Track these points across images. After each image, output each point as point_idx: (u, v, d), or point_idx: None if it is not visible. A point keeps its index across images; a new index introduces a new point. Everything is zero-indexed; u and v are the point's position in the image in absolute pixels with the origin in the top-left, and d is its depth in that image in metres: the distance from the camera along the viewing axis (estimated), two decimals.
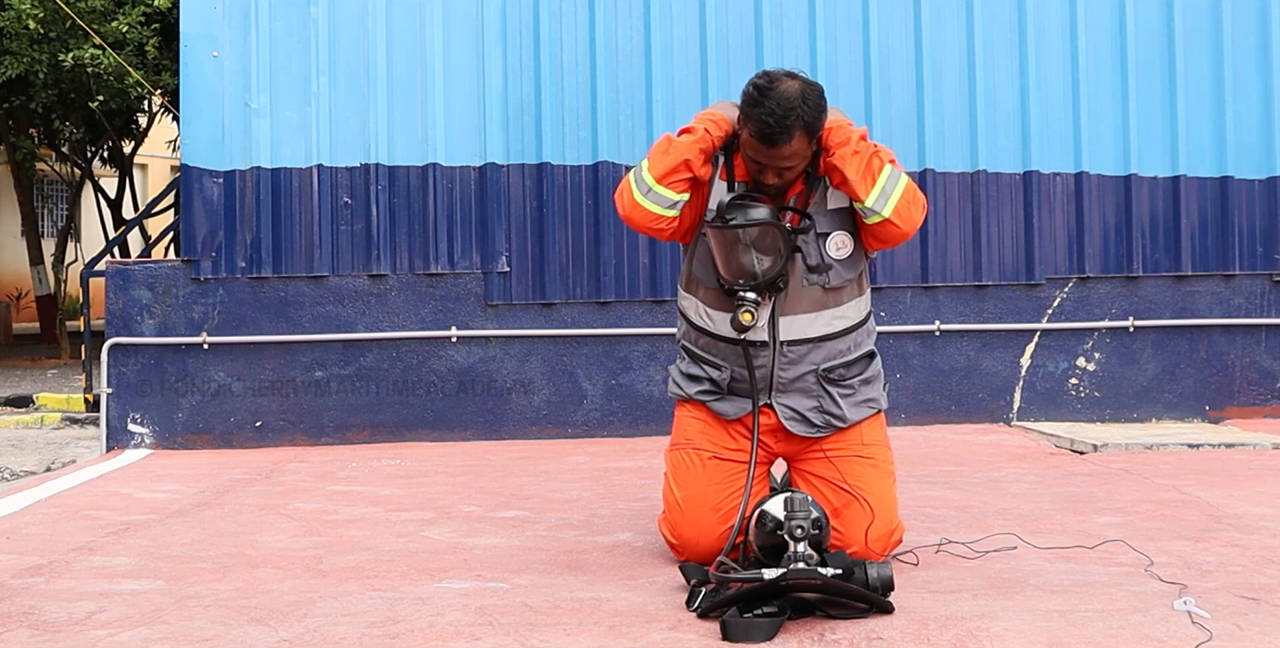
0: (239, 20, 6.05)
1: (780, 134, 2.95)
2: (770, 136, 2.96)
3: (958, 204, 6.29)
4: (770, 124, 2.94)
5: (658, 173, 3.10)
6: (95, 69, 12.07)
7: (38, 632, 2.68)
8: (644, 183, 3.12)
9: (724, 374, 3.21)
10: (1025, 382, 6.32)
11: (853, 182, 3.05)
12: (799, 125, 2.96)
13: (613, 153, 6.15)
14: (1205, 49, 6.41)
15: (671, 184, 3.10)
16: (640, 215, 3.15)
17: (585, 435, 6.15)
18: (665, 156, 3.11)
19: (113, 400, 6.04)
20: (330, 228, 6.08)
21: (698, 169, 3.11)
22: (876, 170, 3.06)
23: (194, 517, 4.14)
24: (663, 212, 3.13)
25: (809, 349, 3.15)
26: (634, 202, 3.14)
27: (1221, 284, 6.44)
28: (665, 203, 3.12)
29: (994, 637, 2.49)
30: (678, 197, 3.12)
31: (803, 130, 2.98)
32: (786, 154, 3.00)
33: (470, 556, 3.42)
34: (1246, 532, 3.54)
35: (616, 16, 6.20)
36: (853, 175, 3.05)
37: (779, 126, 2.94)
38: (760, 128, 2.96)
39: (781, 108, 2.94)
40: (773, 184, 3.08)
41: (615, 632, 2.59)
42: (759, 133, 2.98)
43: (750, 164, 3.09)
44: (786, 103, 2.95)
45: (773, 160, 3.02)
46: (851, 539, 3.09)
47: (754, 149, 3.03)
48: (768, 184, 3.08)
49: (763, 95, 2.97)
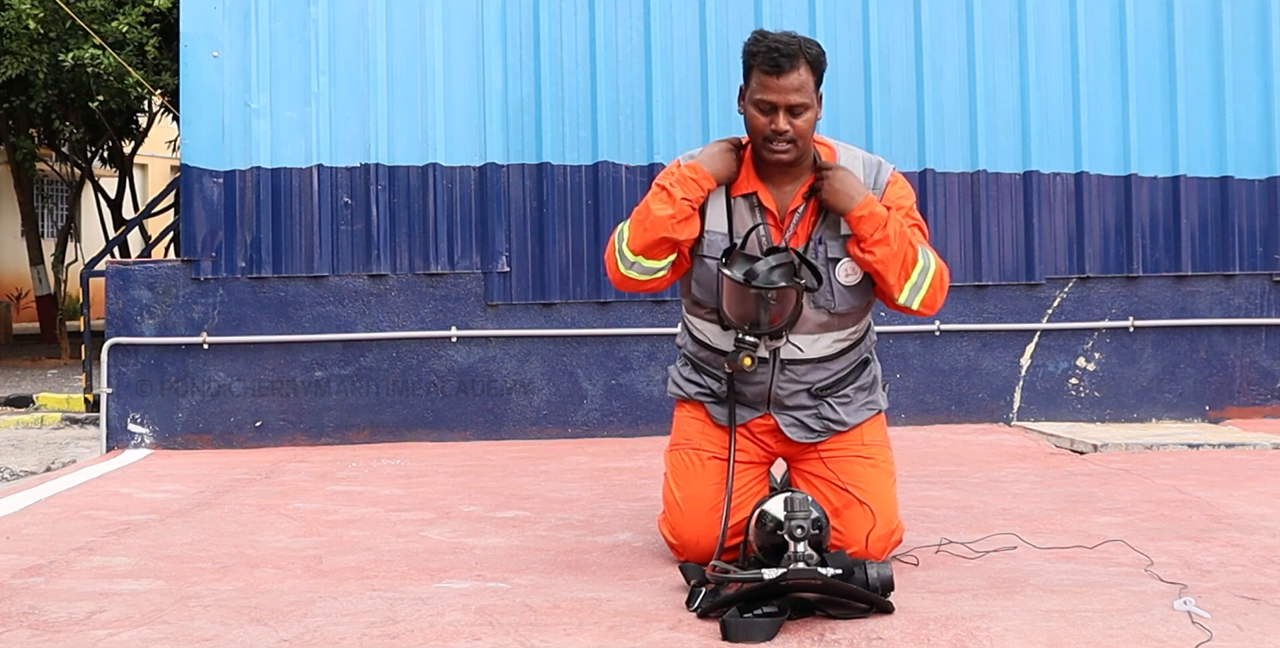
0: (239, 20, 6.05)
1: (786, 58, 2.98)
2: (778, 62, 2.98)
3: (958, 204, 6.29)
4: (778, 49, 2.98)
5: (636, 248, 3.11)
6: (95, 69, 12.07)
7: (38, 632, 2.68)
8: (625, 257, 3.13)
9: (722, 386, 3.21)
10: (1025, 382, 6.32)
11: (888, 282, 3.06)
12: (803, 57, 3.00)
13: (613, 153, 6.15)
14: (1205, 49, 6.41)
15: (654, 255, 3.11)
16: (629, 285, 3.18)
17: (585, 435, 6.15)
18: (644, 232, 3.09)
19: (113, 400, 6.04)
20: (330, 228, 6.08)
21: (679, 236, 3.08)
22: (909, 265, 3.06)
23: (194, 517, 4.14)
24: (650, 278, 3.15)
25: (808, 369, 3.15)
26: (619, 274, 3.17)
27: (1221, 284, 6.44)
28: (650, 272, 3.14)
29: (994, 637, 2.49)
30: (661, 263, 3.12)
31: (808, 65, 3.01)
32: (795, 85, 2.99)
33: (470, 556, 3.42)
34: (1246, 532, 3.54)
35: (616, 16, 6.20)
36: (890, 278, 3.06)
37: (786, 51, 2.98)
38: (768, 56, 2.99)
39: (784, 40, 3.02)
40: (785, 133, 3.01)
41: (615, 632, 2.59)
42: (767, 61, 2.99)
43: (759, 117, 3.04)
44: (788, 36, 3.04)
45: (782, 94, 2.99)
46: (851, 539, 3.09)
47: (762, 88, 3.02)
48: (779, 134, 3.02)
49: (763, 35, 3.06)
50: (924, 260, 3.08)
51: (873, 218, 3.03)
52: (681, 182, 3.09)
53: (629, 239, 3.11)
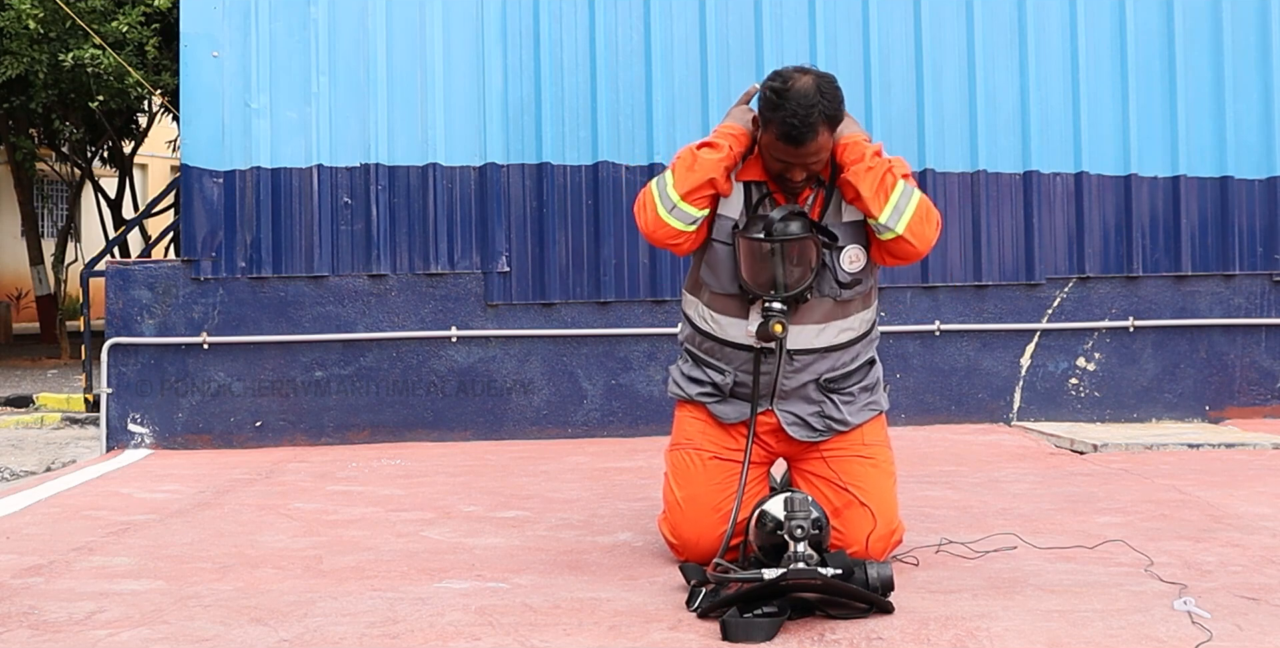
0: (239, 20, 6.05)
1: (805, 132, 2.97)
2: (796, 137, 2.98)
3: (958, 204, 6.28)
4: (794, 125, 2.96)
5: (684, 189, 3.10)
6: (95, 69, 12.07)
7: (38, 632, 2.68)
8: (669, 198, 3.12)
9: (727, 379, 3.21)
10: (1025, 382, 6.32)
11: (866, 198, 3.06)
12: (821, 120, 2.99)
13: (613, 153, 6.15)
14: (1205, 49, 6.41)
15: (695, 201, 3.11)
16: (664, 232, 3.15)
17: (585, 435, 6.15)
18: (691, 173, 3.10)
19: (113, 400, 6.04)
20: (330, 228, 6.08)
21: (722, 186, 3.11)
22: (890, 186, 3.06)
23: (194, 517, 4.14)
24: (685, 228, 3.13)
25: (814, 359, 3.16)
26: (658, 218, 3.14)
27: (1221, 284, 6.44)
28: (688, 219, 3.12)
29: (994, 637, 2.49)
30: (700, 212, 3.12)
31: (825, 124, 3.01)
32: (813, 151, 3.02)
33: (470, 556, 3.42)
34: (1246, 532, 3.53)
35: (616, 16, 6.20)
36: (866, 192, 3.05)
37: (803, 125, 2.97)
38: (785, 130, 2.98)
39: (802, 107, 2.96)
40: (800, 181, 3.08)
41: (615, 632, 2.59)
42: (784, 135, 2.99)
43: (775, 163, 3.09)
44: (806, 101, 2.97)
45: (800, 158, 3.03)
46: (852, 540, 3.09)
47: (780, 150, 3.04)
48: (795, 181, 3.08)
49: (781, 98, 2.99)
50: (905, 185, 3.10)
51: (857, 145, 3.10)
52: (724, 135, 3.14)
53: (674, 183, 3.12)
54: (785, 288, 3.03)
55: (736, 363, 3.19)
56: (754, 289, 3.07)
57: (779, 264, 3.01)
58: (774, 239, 3.00)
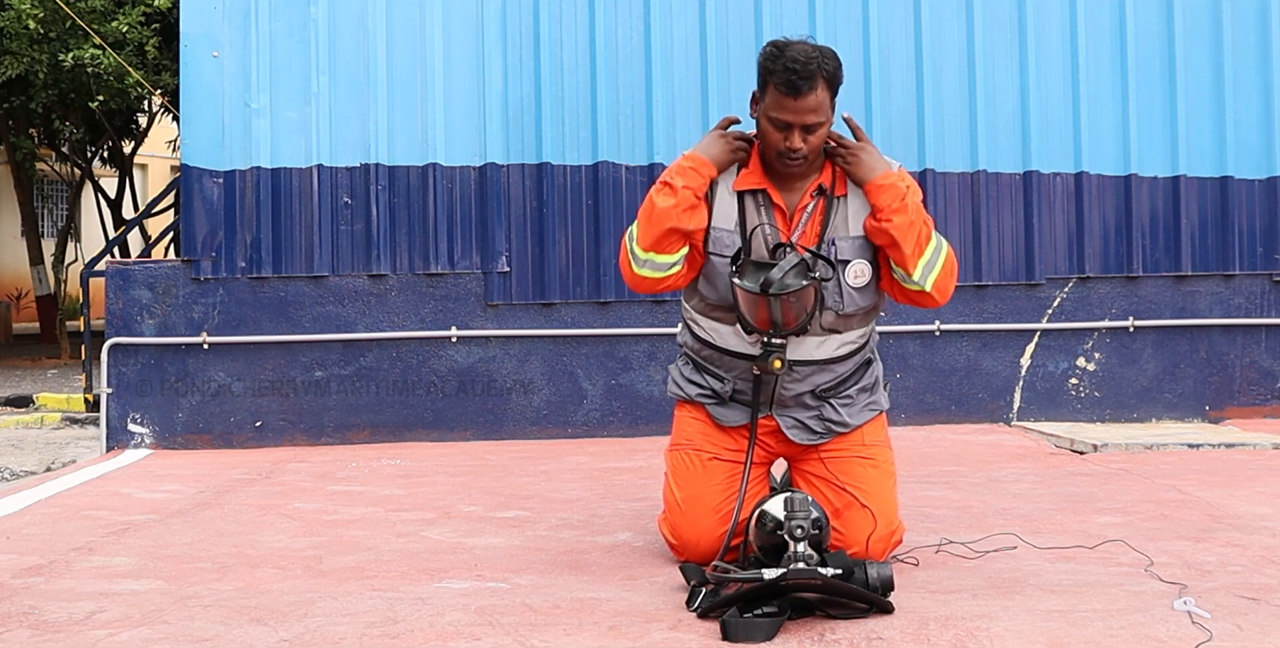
0: (239, 20, 6.05)
1: (804, 81, 2.95)
2: (795, 84, 2.95)
3: (958, 204, 6.29)
4: (795, 70, 2.95)
5: (645, 244, 3.10)
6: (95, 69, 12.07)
7: (38, 632, 2.68)
8: (637, 256, 3.12)
9: (726, 386, 3.20)
10: (1025, 382, 6.32)
11: (905, 254, 3.05)
12: (820, 74, 2.98)
13: (613, 153, 6.15)
14: (1205, 49, 6.42)
15: (664, 249, 3.10)
16: (644, 285, 3.16)
17: (585, 435, 6.15)
18: (650, 225, 3.09)
19: (113, 400, 6.04)
20: (330, 228, 6.08)
21: (687, 226, 3.08)
22: (924, 240, 3.06)
23: (194, 517, 4.14)
24: (665, 274, 3.13)
25: (813, 370, 3.15)
26: (634, 274, 3.15)
27: (1221, 284, 6.44)
28: (664, 267, 3.12)
29: (994, 637, 2.49)
30: (674, 257, 3.11)
31: (824, 82, 2.99)
32: (812, 106, 2.98)
33: (470, 556, 3.42)
34: (1246, 532, 3.53)
35: (616, 16, 6.20)
36: (906, 248, 3.04)
37: (803, 72, 2.95)
38: (785, 76, 2.96)
39: (803, 56, 2.97)
40: (799, 153, 3.03)
41: (615, 632, 2.59)
42: (784, 82, 2.96)
43: (774, 132, 3.04)
44: (805, 53, 2.99)
45: (798, 114, 2.99)
46: (852, 540, 3.08)
47: (778, 107, 3.00)
48: (794, 153, 3.03)
49: (780, 50, 3.00)
50: (937, 240, 3.10)
51: (893, 189, 3.05)
52: (681, 171, 3.10)
53: (638, 237, 3.11)
54: (784, 327, 3.01)
55: (736, 371, 3.18)
56: (752, 326, 3.04)
57: (777, 309, 2.98)
58: (771, 295, 2.95)
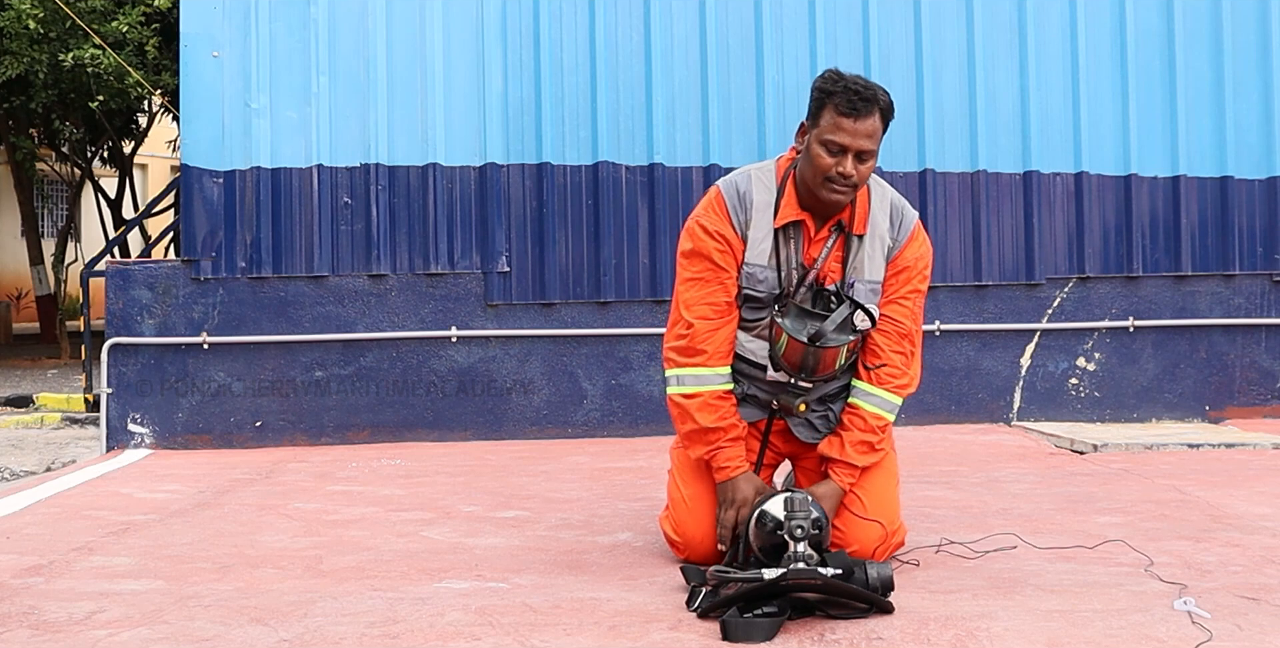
0: (239, 20, 6.05)
1: (865, 103, 2.94)
2: (856, 105, 2.93)
3: (958, 204, 6.29)
4: (857, 92, 2.94)
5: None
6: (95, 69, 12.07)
7: (38, 632, 2.68)
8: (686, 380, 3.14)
9: (740, 388, 3.21)
10: (1025, 382, 6.32)
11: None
12: (878, 104, 2.97)
13: (613, 153, 6.15)
14: (1205, 49, 6.42)
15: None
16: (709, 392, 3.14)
17: (585, 435, 6.15)
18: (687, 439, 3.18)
19: (113, 400, 6.04)
20: (330, 228, 6.08)
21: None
22: (883, 435, 3.17)
23: (194, 517, 4.14)
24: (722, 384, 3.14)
25: (821, 384, 3.16)
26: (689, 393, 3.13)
27: (1221, 284, 6.44)
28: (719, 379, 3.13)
29: (994, 637, 2.49)
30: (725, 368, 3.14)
31: (880, 113, 2.98)
32: (869, 130, 2.96)
33: (470, 556, 3.42)
34: (1246, 532, 3.53)
35: (616, 16, 6.20)
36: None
37: (865, 95, 2.94)
38: (846, 97, 2.93)
39: (862, 80, 2.98)
40: (848, 179, 2.98)
41: (615, 632, 2.59)
42: (845, 102, 2.94)
43: (826, 157, 2.97)
44: (865, 81, 2.99)
45: (855, 137, 2.95)
46: (852, 539, 3.09)
47: (835, 128, 2.95)
48: (844, 177, 2.97)
49: (840, 74, 3.00)
50: (890, 414, 3.16)
51: (855, 477, 3.15)
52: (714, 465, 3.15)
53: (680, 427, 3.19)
54: (813, 374, 3.04)
55: (753, 378, 3.18)
56: (784, 367, 3.06)
57: (813, 358, 3.00)
58: (819, 346, 2.98)
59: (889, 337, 3.14)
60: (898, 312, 3.14)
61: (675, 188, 6.16)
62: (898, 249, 3.13)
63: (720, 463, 3.10)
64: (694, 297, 3.12)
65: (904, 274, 3.14)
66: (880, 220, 3.12)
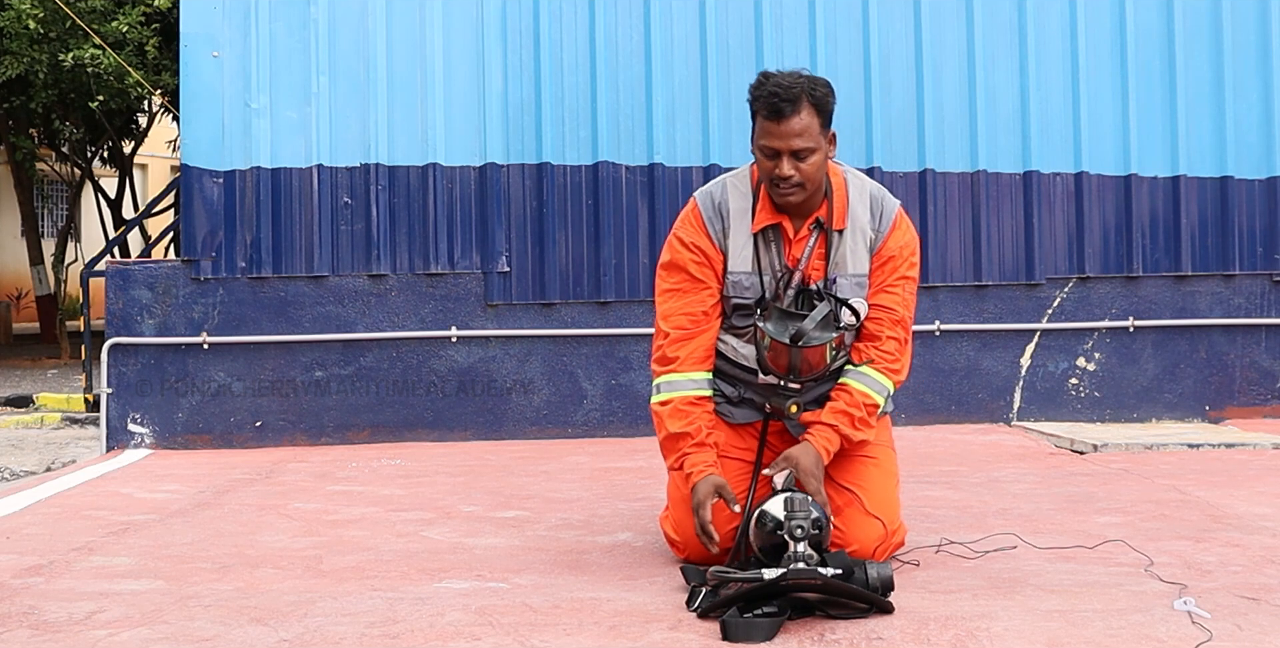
0: (239, 20, 6.05)
1: (786, 103, 2.93)
2: (778, 107, 2.93)
3: (958, 204, 6.29)
4: (777, 93, 2.93)
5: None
6: (95, 69, 12.08)
7: (38, 632, 2.68)
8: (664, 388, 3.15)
9: (736, 391, 3.22)
10: (1025, 382, 6.32)
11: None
12: (805, 99, 2.95)
13: (613, 153, 6.15)
14: (1205, 49, 6.42)
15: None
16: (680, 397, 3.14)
17: (585, 435, 6.15)
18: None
19: (113, 400, 6.04)
20: (330, 228, 6.08)
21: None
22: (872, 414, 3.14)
23: (194, 517, 4.14)
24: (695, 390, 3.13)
25: (812, 385, 3.17)
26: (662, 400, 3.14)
27: (1221, 284, 6.44)
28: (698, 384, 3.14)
29: (994, 637, 2.49)
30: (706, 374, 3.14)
31: (811, 104, 2.96)
32: (798, 129, 2.95)
33: (470, 556, 3.42)
34: (1246, 532, 3.53)
35: (616, 16, 6.20)
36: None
37: (785, 95, 2.93)
38: (768, 101, 2.94)
39: (786, 80, 2.96)
40: (790, 178, 2.98)
41: (615, 632, 2.59)
42: (767, 106, 2.94)
43: (765, 161, 3.02)
44: (790, 78, 2.98)
45: (785, 139, 2.95)
46: (852, 539, 3.08)
47: (764, 133, 2.98)
48: (785, 178, 2.98)
49: (766, 77, 3.00)
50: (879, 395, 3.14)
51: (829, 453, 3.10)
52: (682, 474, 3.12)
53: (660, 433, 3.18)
54: (802, 374, 3.03)
55: (744, 381, 3.19)
56: (772, 370, 3.06)
57: (799, 358, 3.00)
58: (801, 346, 2.98)
59: (882, 323, 3.14)
60: (888, 299, 3.15)
61: (675, 188, 6.16)
62: (881, 240, 3.14)
63: (688, 468, 3.07)
64: (671, 308, 3.15)
65: (890, 264, 3.15)
66: (860, 213, 3.13)
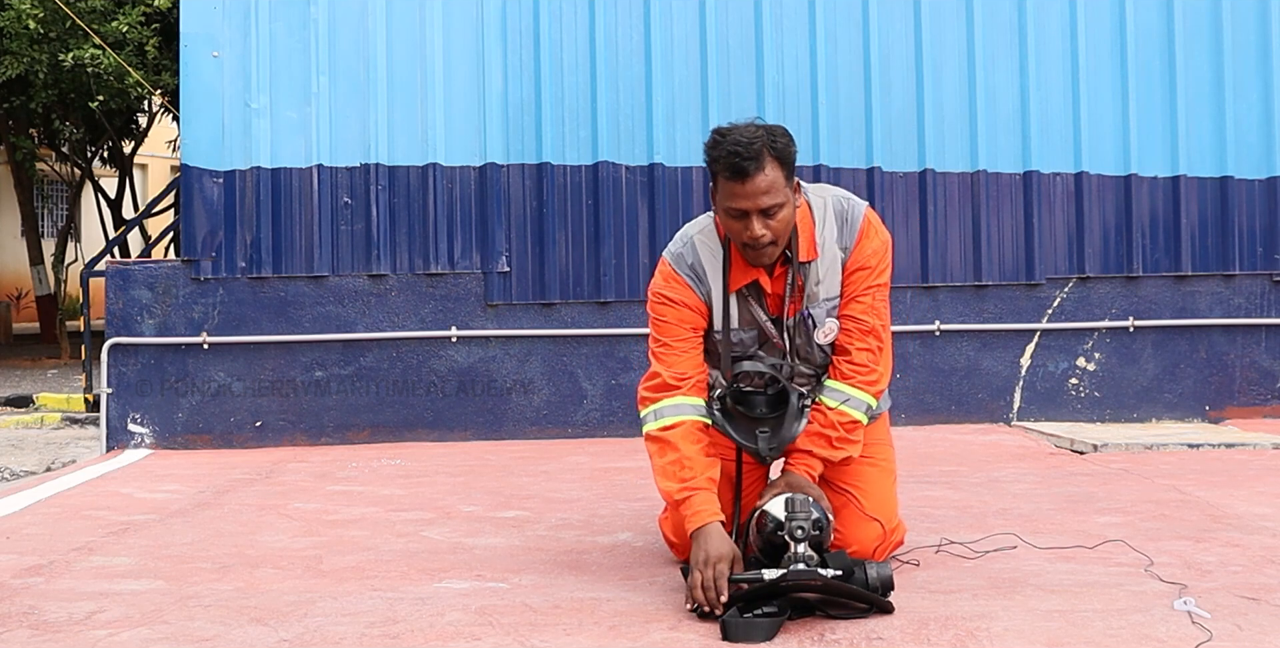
0: (239, 20, 6.05)
1: (750, 161, 2.76)
2: (740, 166, 2.76)
3: (958, 204, 6.29)
4: (738, 152, 2.77)
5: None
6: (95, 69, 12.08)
7: (38, 632, 2.68)
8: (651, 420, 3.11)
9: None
10: (1025, 382, 6.32)
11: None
12: (767, 150, 2.80)
13: (613, 153, 6.15)
14: (1205, 49, 6.42)
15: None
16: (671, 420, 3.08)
17: (585, 435, 6.15)
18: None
19: (113, 400, 6.04)
20: (330, 228, 6.08)
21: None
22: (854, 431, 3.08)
23: (194, 517, 4.14)
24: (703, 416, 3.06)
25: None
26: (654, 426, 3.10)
27: (1221, 284, 6.44)
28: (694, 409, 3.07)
29: (994, 637, 2.49)
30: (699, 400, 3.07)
31: (773, 158, 2.79)
32: (764, 187, 2.78)
33: (470, 556, 3.42)
34: (1246, 532, 3.53)
35: (616, 16, 6.20)
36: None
37: (747, 153, 2.75)
38: (729, 161, 2.77)
39: (745, 136, 2.80)
40: (762, 238, 2.84)
41: (615, 632, 2.59)
42: (729, 167, 2.77)
43: (733, 223, 2.85)
44: (748, 132, 2.82)
45: (752, 198, 2.79)
46: (851, 539, 3.08)
47: (729, 195, 2.81)
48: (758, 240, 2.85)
49: (723, 135, 2.84)
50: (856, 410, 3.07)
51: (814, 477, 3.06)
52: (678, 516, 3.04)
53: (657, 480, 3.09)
54: (765, 453, 3.02)
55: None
56: (740, 443, 3.02)
57: (779, 450, 3.01)
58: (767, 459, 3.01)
59: (852, 335, 3.07)
60: (857, 309, 3.06)
61: (675, 188, 6.17)
62: (849, 253, 3.04)
63: (695, 507, 2.89)
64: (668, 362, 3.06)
65: (859, 273, 3.05)
66: (829, 239, 3.02)
